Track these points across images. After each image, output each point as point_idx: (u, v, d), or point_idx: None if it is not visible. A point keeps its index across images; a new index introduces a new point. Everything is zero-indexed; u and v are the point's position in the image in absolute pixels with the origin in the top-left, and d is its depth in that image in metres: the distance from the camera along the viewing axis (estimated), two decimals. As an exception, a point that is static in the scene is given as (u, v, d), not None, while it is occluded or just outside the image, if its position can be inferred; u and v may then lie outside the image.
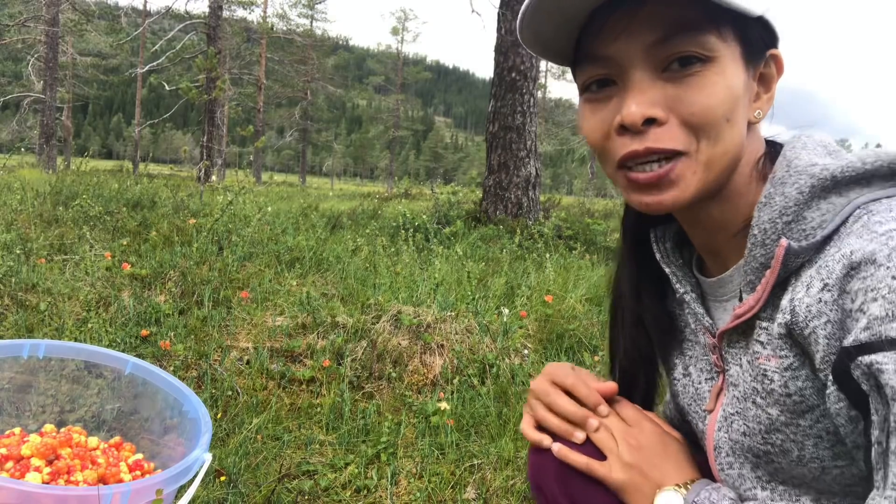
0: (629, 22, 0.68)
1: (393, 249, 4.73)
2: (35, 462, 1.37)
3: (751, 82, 0.72)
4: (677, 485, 0.80)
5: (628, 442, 0.83)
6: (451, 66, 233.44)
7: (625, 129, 0.70)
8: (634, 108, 0.68)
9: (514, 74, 7.05)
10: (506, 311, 3.00)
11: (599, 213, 9.89)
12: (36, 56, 21.58)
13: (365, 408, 2.31)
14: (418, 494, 1.83)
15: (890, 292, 0.57)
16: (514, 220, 6.87)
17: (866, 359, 0.58)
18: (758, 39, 0.71)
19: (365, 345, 2.71)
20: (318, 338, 2.75)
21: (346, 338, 2.75)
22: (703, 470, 0.85)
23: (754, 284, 0.72)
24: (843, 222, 0.66)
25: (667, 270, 0.85)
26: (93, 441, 1.53)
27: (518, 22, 0.72)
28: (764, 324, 0.71)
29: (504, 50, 7.13)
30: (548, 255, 4.72)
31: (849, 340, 0.60)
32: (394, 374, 2.56)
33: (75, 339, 2.43)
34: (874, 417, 0.59)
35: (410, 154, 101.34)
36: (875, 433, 0.59)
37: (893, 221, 0.61)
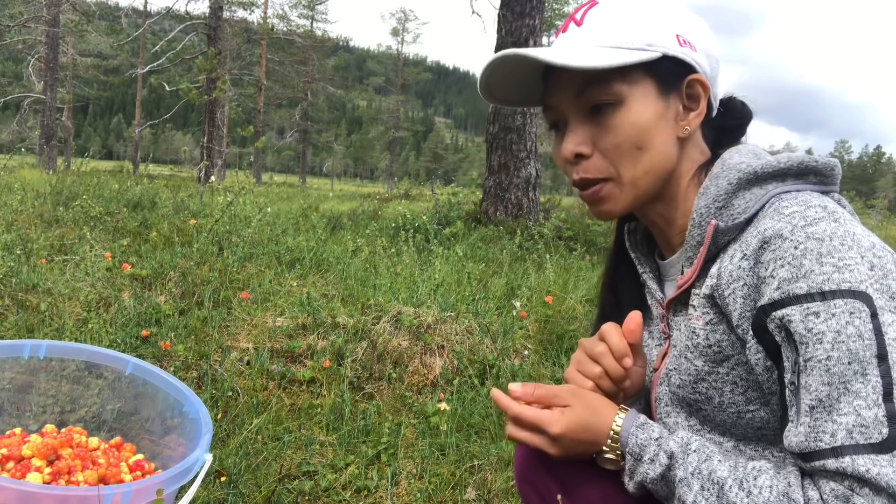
0: (558, 80, 0.89)
1: (393, 250, 4.73)
2: (36, 462, 1.37)
3: (672, 107, 0.87)
4: (621, 408, 0.90)
5: (561, 393, 0.90)
6: (451, 67, 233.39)
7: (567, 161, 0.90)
8: (566, 146, 0.89)
9: (514, 75, 7.05)
10: (517, 303, 3.00)
11: (599, 214, 9.84)
12: (36, 56, 21.58)
13: (365, 408, 2.31)
14: (419, 495, 1.83)
15: (793, 259, 0.73)
16: (515, 220, 6.87)
17: (778, 313, 0.73)
18: (669, 73, 0.86)
19: (365, 345, 2.71)
20: (318, 338, 2.75)
21: (346, 338, 2.75)
22: None
23: (692, 259, 0.87)
24: (761, 208, 0.82)
25: (632, 255, 1.02)
26: (93, 441, 1.53)
27: (482, 91, 0.94)
28: (696, 290, 0.87)
29: (504, 51, 7.13)
30: (548, 256, 4.72)
31: (763, 300, 0.75)
32: (394, 375, 2.56)
33: (76, 340, 2.43)
34: (786, 363, 0.74)
35: (410, 155, 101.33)
36: (787, 376, 0.74)
37: (797, 206, 0.77)
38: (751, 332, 0.77)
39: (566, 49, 0.86)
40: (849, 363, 0.69)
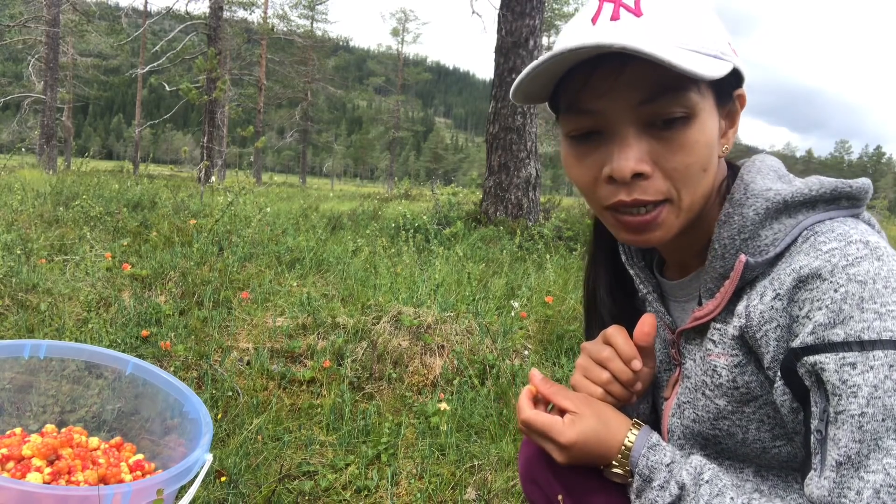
0: (615, 80, 0.73)
1: (393, 250, 4.73)
2: (36, 462, 1.37)
3: (721, 122, 0.79)
4: (635, 423, 0.87)
5: (576, 399, 0.88)
6: (451, 67, 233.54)
7: (613, 179, 0.76)
8: (623, 163, 0.74)
9: (514, 75, 7.04)
10: (515, 304, 3.00)
11: (599, 214, 9.84)
12: (36, 56, 21.59)
13: (365, 408, 2.31)
14: (419, 495, 1.83)
15: (832, 303, 0.67)
16: (515, 220, 6.87)
17: (811, 359, 0.68)
18: (727, 86, 0.78)
19: (365, 345, 2.71)
20: (318, 338, 2.75)
21: (346, 338, 2.75)
22: None
23: (713, 292, 0.81)
24: (794, 241, 0.75)
25: (631, 272, 0.95)
26: (93, 441, 1.53)
27: (518, 81, 0.77)
28: (718, 325, 0.81)
29: (504, 51, 7.13)
30: (548, 256, 4.72)
31: (796, 342, 0.70)
32: (394, 375, 2.56)
33: (76, 340, 2.43)
34: (814, 409, 0.69)
35: (411, 155, 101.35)
36: (814, 422, 0.69)
37: (835, 241, 0.70)
38: (779, 374, 0.73)
39: (643, 42, 0.68)
40: (882, 420, 0.64)
